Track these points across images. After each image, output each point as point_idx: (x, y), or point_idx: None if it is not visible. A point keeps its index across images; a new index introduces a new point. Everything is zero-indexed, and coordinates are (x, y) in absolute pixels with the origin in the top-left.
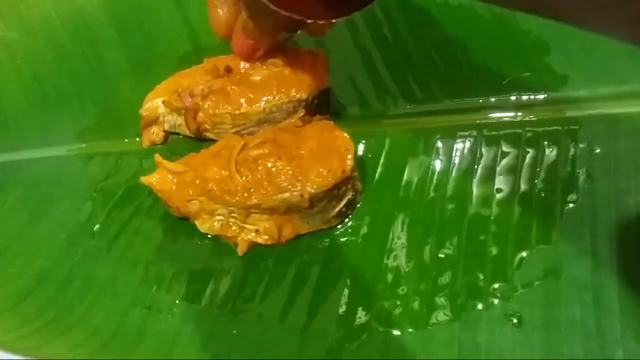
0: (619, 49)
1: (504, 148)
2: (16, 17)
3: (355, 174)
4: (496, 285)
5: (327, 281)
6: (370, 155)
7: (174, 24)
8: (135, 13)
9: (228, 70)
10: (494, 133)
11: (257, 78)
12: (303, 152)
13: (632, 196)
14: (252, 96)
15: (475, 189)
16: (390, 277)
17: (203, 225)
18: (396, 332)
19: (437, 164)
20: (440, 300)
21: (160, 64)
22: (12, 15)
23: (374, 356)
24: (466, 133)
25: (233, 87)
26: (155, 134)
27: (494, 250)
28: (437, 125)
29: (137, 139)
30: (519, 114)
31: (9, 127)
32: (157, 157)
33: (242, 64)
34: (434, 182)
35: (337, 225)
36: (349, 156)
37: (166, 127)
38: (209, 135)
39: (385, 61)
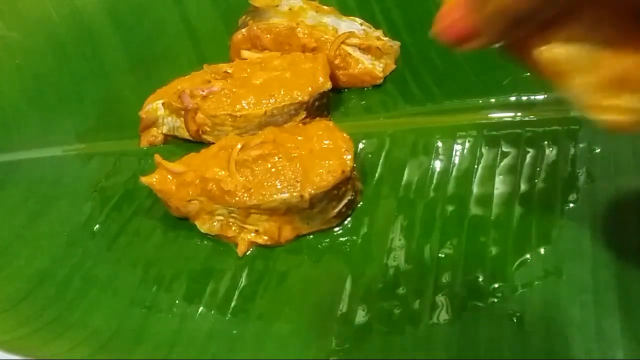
0: None
1: (504, 148)
2: (16, 17)
3: (355, 174)
4: (496, 285)
5: (327, 281)
6: (370, 156)
7: (174, 24)
8: (135, 13)
9: (227, 75)
10: (494, 133)
11: (258, 81)
12: (303, 152)
13: (632, 196)
14: (253, 99)
15: (475, 189)
16: (390, 277)
17: (203, 226)
18: (396, 332)
19: (437, 164)
20: (440, 300)
21: (160, 65)
22: (12, 15)
23: (374, 356)
24: (466, 133)
25: (234, 89)
26: (154, 136)
27: (494, 250)
28: (437, 126)
29: (137, 139)
30: (519, 114)
31: (9, 127)
32: (157, 158)
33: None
34: (434, 182)
35: (337, 225)
36: (349, 156)
37: (165, 129)
38: (208, 138)
39: None
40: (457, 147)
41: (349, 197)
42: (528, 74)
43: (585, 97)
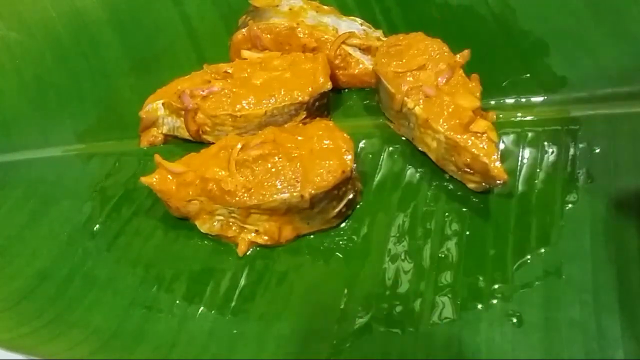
0: (619, 50)
1: (504, 148)
2: (16, 17)
3: (355, 174)
4: (496, 286)
5: (328, 281)
6: (370, 155)
7: (174, 24)
8: (135, 13)
9: (227, 75)
10: None
11: (258, 81)
12: (303, 152)
13: (632, 196)
14: (253, 99)
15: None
16: (390, 277)
17: (203, 226)
18: (396, 332)
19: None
20: (441, 300)
21: (160, 64)
22: (11, 15)
23: (374, 356)
24: None
25: (234, 89)
26: (154, 136)
27: (494, 251)
28: None
29: (137, 139)
30: (519, 114)
31: (9, 128)
32: (157, 158)
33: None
34: (435, 182)
35: (337, 225)
36: (349, 156)
37: (165, 129)
38: (208, 138)
39: None
40: None
41: (349, 197)
42: (528, 75)
43: (458, 178)
